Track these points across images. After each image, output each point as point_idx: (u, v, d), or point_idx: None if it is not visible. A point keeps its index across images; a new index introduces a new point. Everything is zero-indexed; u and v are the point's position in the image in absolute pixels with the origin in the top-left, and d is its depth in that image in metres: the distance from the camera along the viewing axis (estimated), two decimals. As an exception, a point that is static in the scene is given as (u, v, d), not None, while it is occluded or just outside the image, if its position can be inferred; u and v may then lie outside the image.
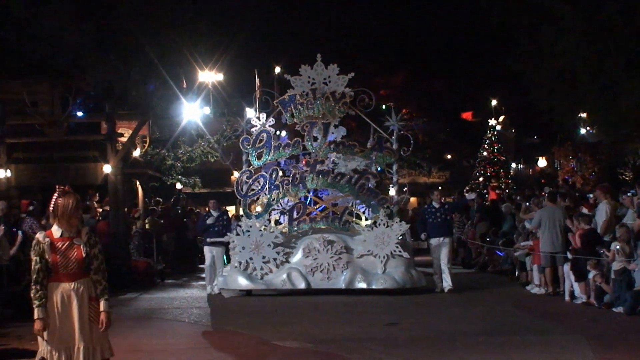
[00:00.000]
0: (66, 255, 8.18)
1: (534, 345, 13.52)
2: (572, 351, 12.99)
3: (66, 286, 8.16)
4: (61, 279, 8.17)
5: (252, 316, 16.97)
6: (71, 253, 8.19)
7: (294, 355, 13.25)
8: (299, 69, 20.74)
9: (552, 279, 20.46)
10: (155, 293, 21.85)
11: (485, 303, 19.25)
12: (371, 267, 19.50)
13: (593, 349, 13.07)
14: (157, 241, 26.73)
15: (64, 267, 8.16)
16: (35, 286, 8.10)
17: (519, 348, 13.31)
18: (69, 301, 8.13)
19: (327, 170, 20.26)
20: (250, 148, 20.63)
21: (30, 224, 19.75)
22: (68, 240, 8.22)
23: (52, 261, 8.13)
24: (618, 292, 17.39)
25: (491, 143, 55.26)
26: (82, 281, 8.23)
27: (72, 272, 8.19)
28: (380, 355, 12.81)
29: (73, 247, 8.21)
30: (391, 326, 15.73)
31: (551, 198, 21.61)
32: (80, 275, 8.22)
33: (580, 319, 16.55)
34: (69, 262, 8.17)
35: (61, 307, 8.11)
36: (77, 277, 8.20)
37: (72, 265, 8.18)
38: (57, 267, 8.15)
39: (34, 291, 8.09)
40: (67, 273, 8.17)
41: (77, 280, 8.20)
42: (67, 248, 8.19)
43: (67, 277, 8.18)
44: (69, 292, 8.15)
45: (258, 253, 19.65)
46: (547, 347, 13.32)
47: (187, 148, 34.78)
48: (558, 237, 19.92)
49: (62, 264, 8.15)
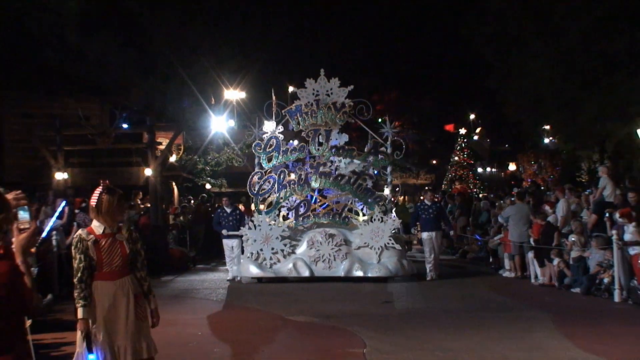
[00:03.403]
0: (110, 252, 6.86)
1: (506, 320, 13.54)
2: (538, 324, 12.98)
3: (111, 284, 6.83)
4: (105, 277, 6.84)
5: (266, 297, 16.92)
6: (115, 250, 6.87)
7: (303, 327, 13.24)
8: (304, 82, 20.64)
9: (520, 264, 20.48)
10: (188, 276, 21.83)
11: (465, 285, 19.21)
12: (367, 257, 19.35)
13: (555, 322, 13.09)
14: (190, 233, 26.75)
15: (108, 265, 6.84)
16: (79, 285, 6.79)
17: (492, 322, 13.30)
18: (114, 299, 6.80)
19: (329, 172, 20.16)
20: (262, 152, 20.54)
21: (83, 218, 19.77)
22: (110, 237, 6.89)
23: (97, 259, 6.82)
24: (576, 275, 17.44)
25: (462, 149, 55.53)
26: (127, 278, 6.91)
27: (116, 269, 6.86)
28: (376, 326, 12.81)
29: (116, 244, 6.88)
30: (385, 304, 15.71)
31: (519, 197, 21.65)
32: (124, 273, 6.91)
33: (544, 298, 16.53)
34: (113, 259, 6.85)
35: (107, 306, 6.79)
36: (121, 275, 6.88)
37: (117, 262, 6.86)
38: (101, 265, 6.83)
39: (79, 290, 6.78)
40: (111, 271, 6.85)
41: (121, 277, 6.88)
42: (111, 245, 6.87)
43: (112, 275, 6.85)
44: (114, 290, 6.82)
45: (267, 245, 19.47)
46: (517, 321, 13.34)
47: (215, 154, 34.84)
48: (525, 230, 19.93)
49: (107, 261, 6.84)
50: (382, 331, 12.47)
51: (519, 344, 11.28)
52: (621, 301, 15.55)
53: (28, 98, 29.42)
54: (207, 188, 35.53)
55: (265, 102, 21.95)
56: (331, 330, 12.83)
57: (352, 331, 12.41)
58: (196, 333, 12.44)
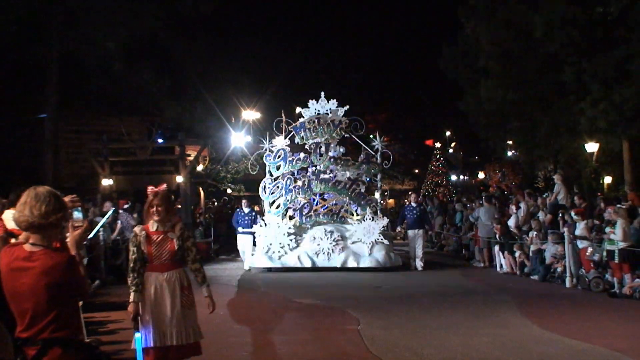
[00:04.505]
0: (160, 247, 6.77)
1: (476, 302, 13.52)
2: (503, 306, 12.99)
3: (159, 276, 6.73)
4: (155, 269, 6.76)
5: (275, 284, 16.88)
6: (164, 245, 6.76)
7: (308, 308, 13.21)
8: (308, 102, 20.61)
9: (488, 256, 20.49)
10: (212, 265, 21.79)
11: (442, 274, 19.19)
12: (360, 251, 19.23)
13: (517, 304, 13.09)
14: (214, 229, 26.73)
15: (158, 258, 6.75)
16: (132, 274, 6.73)
17: (466, 304, 13.29)
18: (161, 290, 6.70)
19: (329, 179, 20.10)
20: (271, 161, 20.51)
21: (126, 217, 19.82)
22: (162, 234, 6.80)
23: (147, 252, 6.74)
24: (534, 265, 17.45)
25: (437, 160, 55.64)
26: (175, 272, 6.79)
27: (165, 262, 6.76)
28: (368, 308, 12.79)
29: (167, 240, 6.77)
30: (377, 289, 15.72)
31: (487, 200, 21.69)
32: (172, 266, 6.79)
33: (508, 284, 16.52)
34: (162, 253, 6.75)
35: (154, 295, 6.69)
36: (169, 268, 6.77)
37: (165, 256, 6.75)
38: (151, 258, 6.75)
39: (131, 278, 6.72)
40: (160, 264, 6.76)
41: (169, 270, 6.76)
42: (161, 241, 6.78)
43: (161, 268, 6.75)
44: (162, 281, 6.72)
45: (276, 240, 19.36)
46: (485, 303, 13.33)
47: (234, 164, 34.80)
48: (492, 227, 19.92)
49: (156, 254, 6.74)
50: (373, 311, 12.46)
51: (487, 321, 11.30)
52: (572, 287, 15.61)
53: (80, 117, 29.45)
54: (228, 192, 35.52)
55: (275, 120, 21.93)
56: (331, 310, 12.81)
57: (349, 311, 12.40)
58: (219, 313, 12.43)
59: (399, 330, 10.71)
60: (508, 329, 10.66)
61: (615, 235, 14.33)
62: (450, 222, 27.19)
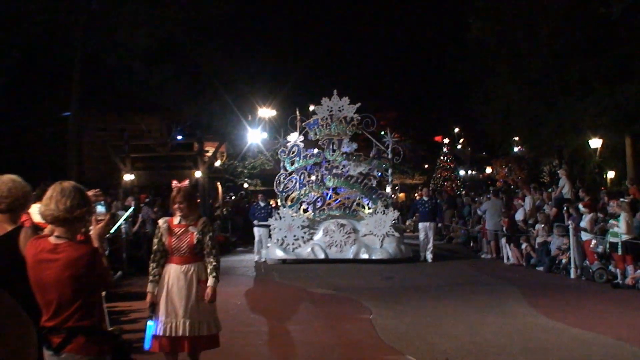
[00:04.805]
0: (180, 239, 6.67)
1: (484, 292, 13.49)
2: (509, 296, 12.95)
3: (177, 267, 6.66)
4: (174, 261, 6.69)
5: (290, 275, 16.85)
6: (184, 238, 6.67)
7: (321, 298, 13.22)
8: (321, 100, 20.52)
9: (495, 248, 20.40)
10: (230, 257, 21.83)
11: (451, 265, 19.14)
12: (372, 243, 19.19)
13: (523, 294, 13.04)
14: (231, 222, 26.78)
15: (177, 250, 6.67)
16: (152, 264, 6.73)
17: (474, 294, 13.27)
18: (177, 281, 6.61)
19: (341, 173, 20.05)
20: (286, 157, 20.48)
21: (147, 211, 19.87)
22: (184, 227, 6.72)
23: (167, 243, 6.67)
24: (540, 257, 17.38)
25: (445, 155, 55.48)
26: (193, 264, 6.69)
27: (183, 255, 6.67)
28: (380, 297, 12.78)
29: (187, 233, 6.69)
30: (388, 280, 15.70)
31: (494, 194, 21.59)
32: (191, 259, 6.70)
33: (514, 275, 16.45)
34: (181, 245, 6.66)
35: (170, 286, 6.62)
36: (188, 261, 6.68)
37: (184, 248, 6.66)
38: (171, 249, 6.67)
39: (150, 268, 6.74)
40: (179, 256, 6.68)
41: (187, 263, 6.67)
42: (182, 233, 6.69)
43: (179, 260, 6.68)
44: (179, 273, 6.63)
45: (290, 232, 19.36)
46: (493, 293, 13.29)
47: (251, 160, 34.96)
48: (499, 220, 19.84)
49: (176, 246, 6.66)
50: (384, 301, 12.45)
51: (494, 311, 11.25)
52: (576, 277, 15.55)
53: (103, 115, 29.52)
54: (245, 187, 35.61)
55: (289, 117, 21.91)
56: (343, 300, 12.81)
57: (361, 301, 12.39)
58: (236, 303, 12.45)
59: (409, 319, 10.70)
60: (514, 318, 10.62)
61: (619, 228, 14.27)
62: (459, 215, 27.12)
